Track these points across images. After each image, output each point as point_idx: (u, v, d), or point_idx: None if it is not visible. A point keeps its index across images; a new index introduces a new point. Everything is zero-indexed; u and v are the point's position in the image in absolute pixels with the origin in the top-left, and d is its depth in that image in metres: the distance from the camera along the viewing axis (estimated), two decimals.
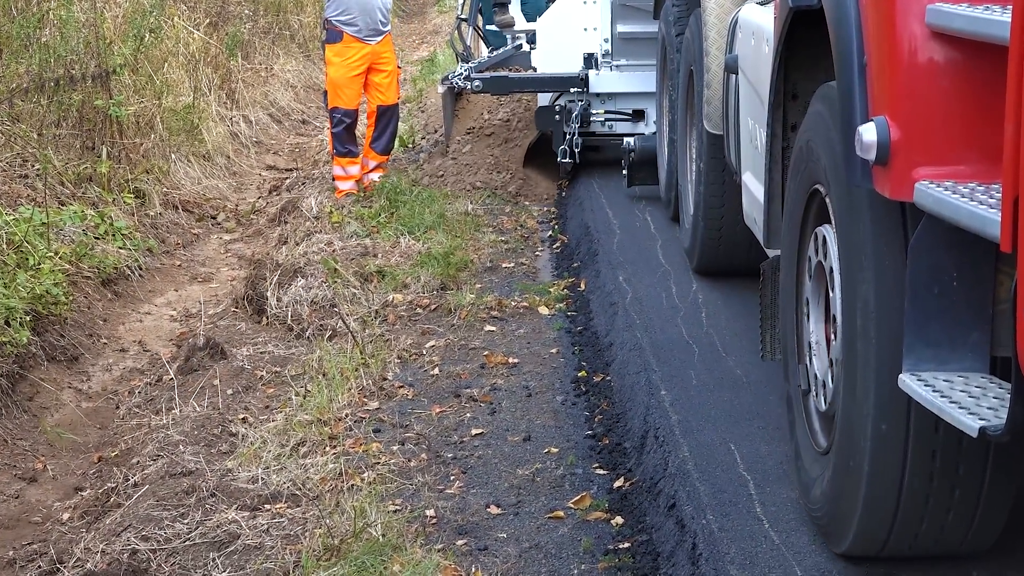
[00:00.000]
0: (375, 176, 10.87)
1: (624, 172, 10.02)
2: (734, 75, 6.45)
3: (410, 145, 12.83)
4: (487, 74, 11.21)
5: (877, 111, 3.63)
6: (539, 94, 11.45)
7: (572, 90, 11.07)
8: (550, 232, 10.16)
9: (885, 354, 3.77)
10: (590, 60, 11.24)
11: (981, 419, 3.22)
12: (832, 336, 4.22)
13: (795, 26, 4.58)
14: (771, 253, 5.33)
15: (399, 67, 11.31)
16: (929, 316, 3.57)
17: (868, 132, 3.55)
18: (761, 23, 5.74)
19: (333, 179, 10.91)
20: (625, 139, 10.10)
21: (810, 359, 4.53)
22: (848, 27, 3.81)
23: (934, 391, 3.43)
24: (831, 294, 4.22)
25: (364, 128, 11.23)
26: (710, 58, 7.22)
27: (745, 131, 6.21)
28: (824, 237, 4.28)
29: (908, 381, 3.53)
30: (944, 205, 3.31)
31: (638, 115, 11.25)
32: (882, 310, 3.78)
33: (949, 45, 3.47)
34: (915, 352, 3.58)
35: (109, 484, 6.06)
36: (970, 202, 3.22)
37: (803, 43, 4.65)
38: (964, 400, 3.37)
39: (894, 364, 3.68)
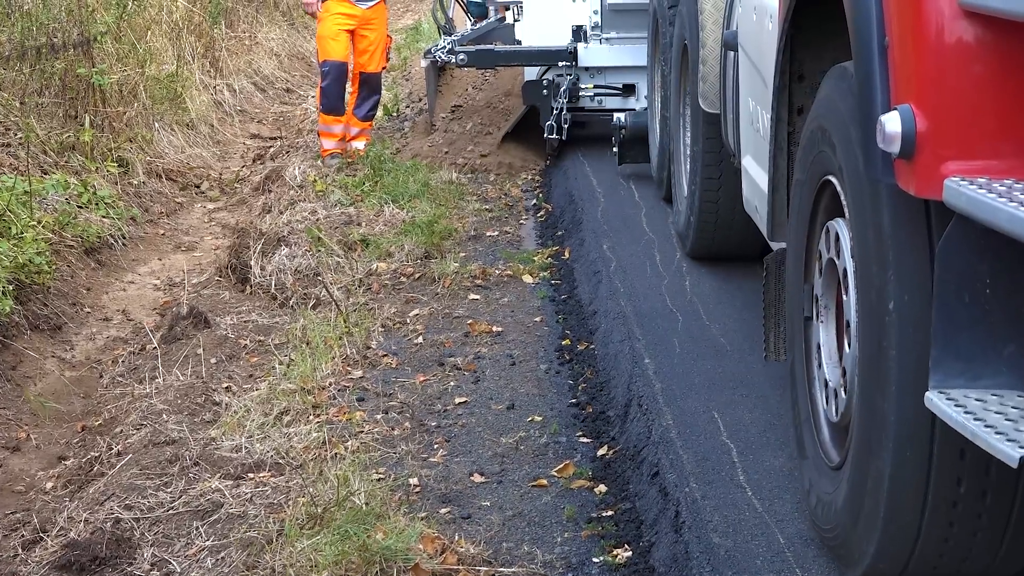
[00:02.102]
0: (359, 144, 10.87)
1: (614, 149, 9.74)
2: (733, 52, 6.09)
3: (394, 113, 12.80)
4: (472, 47, 10.98)
5: (901, 98, 3.27)
6: (526, 68, 11.19)
7: (560, 64, 10.81)
8: (534, 201, 10.16)
9: (908, 368, 3.40)
10: (579, 32, 10.96)
11: (1021, 446, 2.88)
12: (846, 343, 3.90)
13: (802, 2, 4.25)
14: (775, 245, 4.97)
15: (390, 36, 11.19)
16: (959, 327, 3.22)
17: (891, 122, 3.21)
18: None
19: (319, 136, 11.06)
20: (615, 115, 9.81)
21: (820, 365, 4.21)
22: (867, 4, 3.45)
23: (966, 412, 3.08)
24: (844, 296, 3.90)
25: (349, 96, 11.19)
26: (706, 32, 6.88)
27: (745, 112, 5.85)
28: (837, 233, 3.94)
29: (936, 400, 3.18)
30: (979, 205, 2.97)
31: (628, 90, 10.98)
32: (904, 319, 3.41)
33: (984, 25, 3.12)
34: (943, 367, 3.22)
35: (92, 453, 6.05)
36: (1009, 202, 2.90)
37: (811, 19, 4.32)
38: (1000, 424, 3.01)
39: (919, 380, 3.34)
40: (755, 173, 5.60)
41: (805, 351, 4.37)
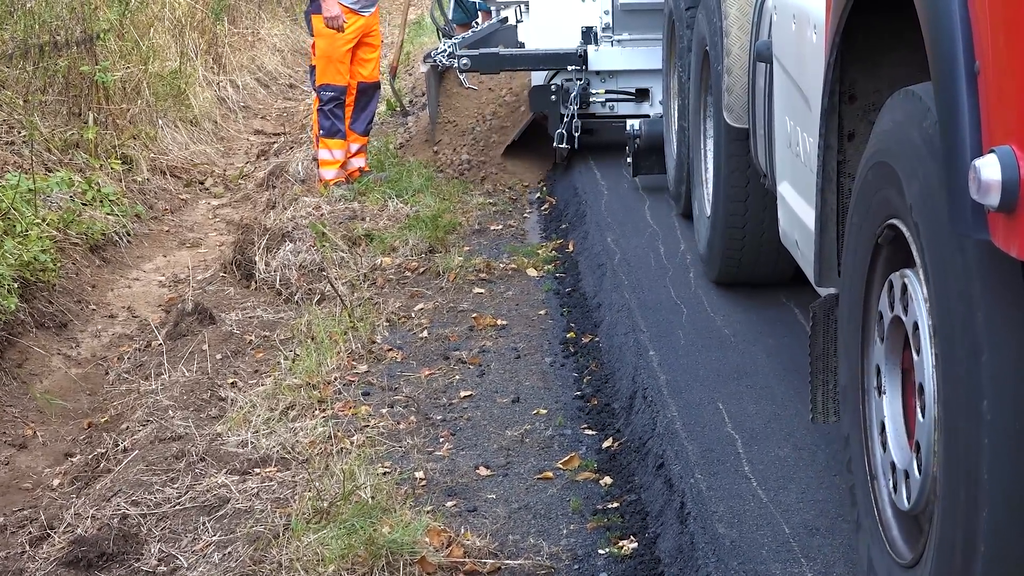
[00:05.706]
0: (359, 162, 10.13)
1: (628, 160, 9.19)
2: (766, 64, 5.47)
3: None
4: (475, 51, 10.40)
5: (998, 138, 2.61)
6: (533, 73, 10.62)
7: (569, 68, 10.22)
8: (538, 194, 10.16)
9: (1006, 463, 2.77)
10: (589, 34, 10.38)
11: None
12: (919, 416, 3.22)
13: (857, 10, 3.60)
14: (823, 290, 4.32)
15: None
16: None
17: (989, 168, 2.56)
18: (804, 3, 4.76)
19: (318, 166, 10.00)
20: (629, 122, 9.21)
21: (883, 444, 3.53)
22: (950, 18, 2.77)
23: None
24: (916, 365, 3.20)
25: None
26: (730, 39, 6.24)
27: (781, 132, 5.21)
28: (905, 287, 3.26)
29: None
30: None
31: (642, 95, 10.39)
32: (1004, 405, 2.76)
33: None
34: None
35: (99, 450, 6.06)
36: None
37: (863, 30, 3.70)
38: None
39: (1018, 476, 2.78)
40: (795, 203, 4.99)
41: (863, 427, 3.71)
